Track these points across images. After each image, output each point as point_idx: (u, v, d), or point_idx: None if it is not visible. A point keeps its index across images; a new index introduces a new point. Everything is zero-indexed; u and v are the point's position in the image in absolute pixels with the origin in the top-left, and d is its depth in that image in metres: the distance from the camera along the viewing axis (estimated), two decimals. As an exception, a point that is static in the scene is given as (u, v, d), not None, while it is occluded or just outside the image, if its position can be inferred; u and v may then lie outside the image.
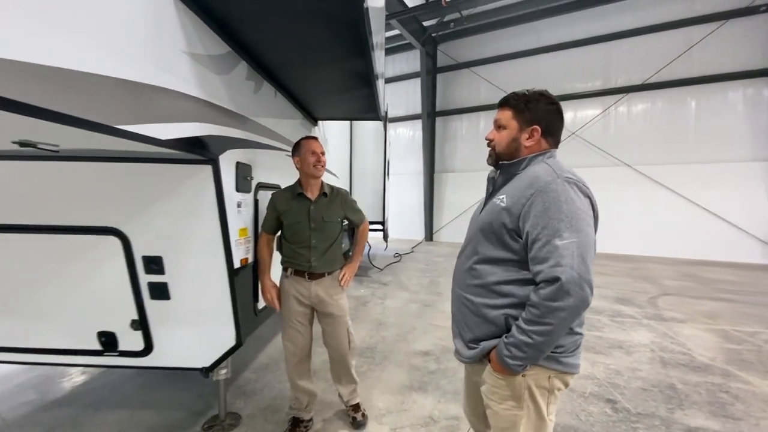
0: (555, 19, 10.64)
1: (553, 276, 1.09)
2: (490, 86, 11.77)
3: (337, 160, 5.89)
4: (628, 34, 9.77)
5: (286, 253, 2.27)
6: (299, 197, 2.24)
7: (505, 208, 1.24)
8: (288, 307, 2.29)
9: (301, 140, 2.29)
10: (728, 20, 8.72)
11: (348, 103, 3.43)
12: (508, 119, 1.32)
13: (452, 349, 3.87)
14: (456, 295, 1.40)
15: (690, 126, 9.34)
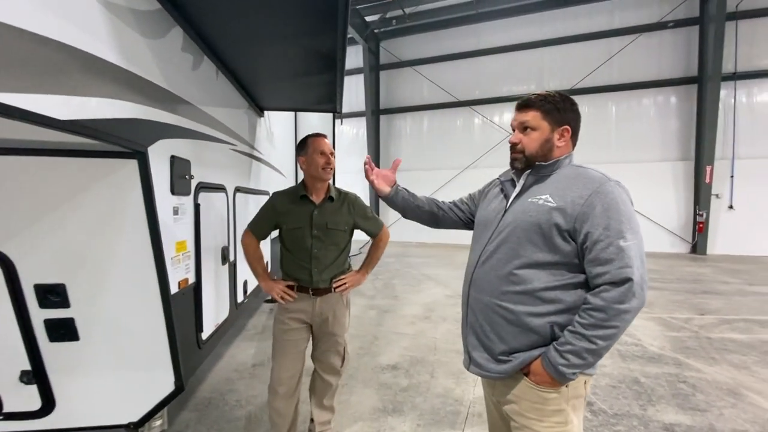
0: (494, 23, 11.00)
1: (624, 277, 1.06)
2: (433, 86, 11.87)
3: (283, 156, 5.36)
4: (559, 42, 10.42)
5: (287, 265, 2.01)
6: (302, 200, 1.97)
7: (556, 208, 1.16)
8: (285, 328, 1.98)
9: (308, 138, 1.98)
10: (642, 34, 9.66)
11: (304, 91, 3.01)
12: (538, 120, 1.25)
13: (420, 359, 3.90)
14: (482, 304, 1.26)
15: (612, 129, 10.23)
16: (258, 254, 2.05)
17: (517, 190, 1.29)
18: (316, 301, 1.98)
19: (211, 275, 2.27)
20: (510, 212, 1.26)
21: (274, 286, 2.01)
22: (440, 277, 6.96)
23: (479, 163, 11.42)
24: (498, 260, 1.23)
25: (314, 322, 2.02)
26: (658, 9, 9.51)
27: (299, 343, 2.03)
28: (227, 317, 2.54)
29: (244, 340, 3.97)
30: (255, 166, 3.42)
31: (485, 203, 1.41)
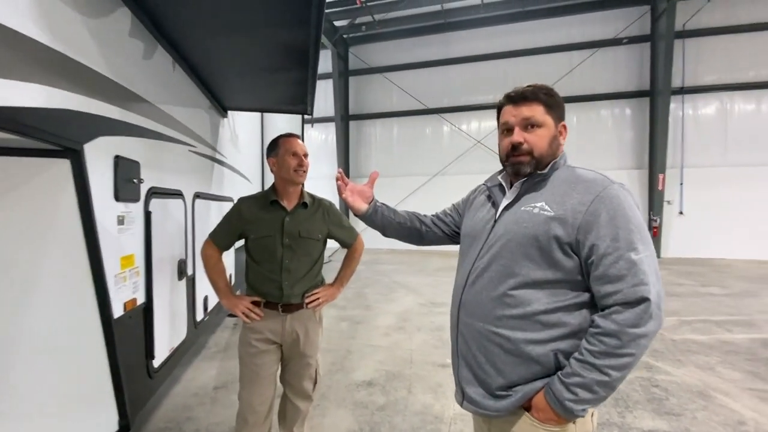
0: (462, 33, 11.20)
1: (639, 296, 0.92)
2: (402, 93, 11.89)
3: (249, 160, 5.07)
4: (523, 53, 10.76)
5: (253, 279, 1.81)
6: (272, 206, 1.79)
7: (555, 217, 1.00)
8: (253, 351, 1.78)
9: (279, 138, 1.81)
10: (599, 49, 10.16)
11: (272, 90, 2.80)
12: (543, 115, 1.08)
13: (397, 373, 3.73)
14: (475, 331, 1.09)
15: (573, 138, 10.62)
16: (220, 267, 1.83)
17: (510, 198, 1.12)
18: (287, 318, 1.78)
19: (164, 293, 2.00)
20: (501, 223, 1.10)
21: (237, 302, 1.80)
22: (412, 284, 6.86)
23: (448, 170, 11.52)
24: (490, 279, 1.07)
25: (284, 341, 1.82)
26: (614, 25, 10.04)
27: (269, 365, 1.82)
28: (185, 339, 2.27)
29: (205, 360, 3.64)
30: (217, 170, 3.16)
31: (471, 212, 1.26)
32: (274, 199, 1.79)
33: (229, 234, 1.84)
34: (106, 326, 1.36)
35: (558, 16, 10.36)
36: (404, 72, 11.85)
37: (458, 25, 11.04)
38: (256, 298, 1.81)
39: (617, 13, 9.97)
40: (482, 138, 11.28)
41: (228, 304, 1.82)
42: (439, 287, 6.66)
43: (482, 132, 11.36)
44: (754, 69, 9.06)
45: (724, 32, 9.13)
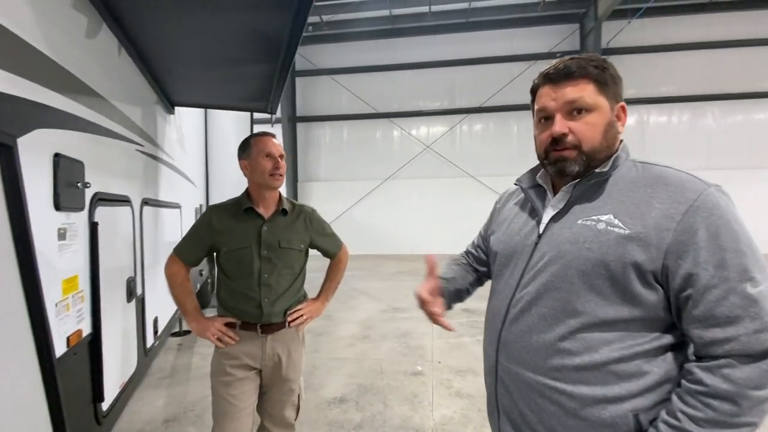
0: (410, 39, 11.37)
1: (764, 348, 0.68)
2: (352, 96, 11.76)
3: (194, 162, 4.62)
4: (469, 63, 11.19)
5: (226, 297, 1.61)
6: (247, 214, 1.59)
7: (631, 237, 0.74)
8: (228, 380, 1.57)
9: (251, 138, 1.62)
10: (536, 61, 10.88)
11: (231, 84, 2.53)
12: (594, 96, 0.81)
13: (369, 386, 3.52)
14: (521, 382, 0.85)
15: (514, 145, 11.28)
16: (187, 287, 1.61)
17: (557, 206, 0.87)
18: (267, 340, 1.59)
19: (113, 319, 1.68)
20: (548, 240, 0.85)
21: (208, 325, 1.58)
22: (371, 290, 6.73)
23: (399, 174, 11.59)
24: (542, 318, 0.82)
25: (265, 366, 1.62)
26: (548, 40, 10.83)
27: (248, 396, 1.61)
28: (136, 370, 1.94)
29: (149, 388, 3.20)
30: (165, 172, 2.79)
31: (502, 222, 1.02)
32: (248, 206, 1.59)
33: (197, 247, 1.61)
34: (47, 370, 1.07)
35: (499, 29, 10.93)
36: (353, 75, 11.74)
37: (406, 31, 11.20)
38: (230, 318, 1.60)
39: (551, 29, 10.77)
40: (432, 143, 11.52)
41: (197, 329, 1.59)
42: (399, 291, 6.62)
43: (431, 137, 11.60)
44: (665, 85, 10.31)
45: (641, 51, 10.27)
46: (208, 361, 4.11)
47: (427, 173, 11.56)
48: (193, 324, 1.59)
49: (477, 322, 4.79)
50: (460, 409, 2.84)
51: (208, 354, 4.28)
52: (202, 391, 3.13)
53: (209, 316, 1.62)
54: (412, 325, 4.77)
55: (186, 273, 1.61)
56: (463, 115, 11.42)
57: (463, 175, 11.34)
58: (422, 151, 11.55)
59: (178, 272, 1.59)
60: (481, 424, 2.65)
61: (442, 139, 11.51)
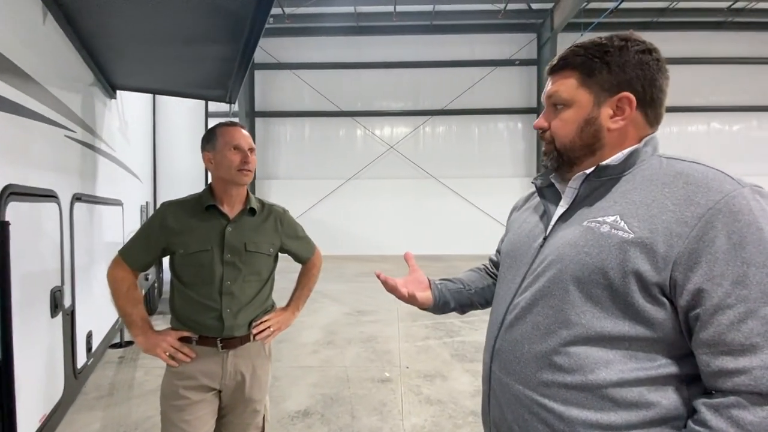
0: (375, 38, 11.28)
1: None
2: (315, 92, 11.46)
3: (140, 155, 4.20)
4: (432, 65, 11.29)
5: (182, 307, 1.41)
6: (209, 212, 1.42)
7: (635, 241, 0.64)
8: (182, 404, 1.37)
9: (217, 128, 1.44)
10: (496, 67, 11.21)
11: (184, 67, 2.26)
12: (573, 89, 0.75)
13: (335, 396, 3.32)
14: (510, 395, 0.77)
15: (475, 148, 11.53)
16: (134, 295, 1.40)
17: (564, 205, 0.79)
18: (228, 356, 1.40)
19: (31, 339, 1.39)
20: (552, 241, 0.77)
21: (158, 341, 1.38)
22: (333, 293, 6.52)
23: (362, 174, 11.44)
24: (534, 326, 0.74)
25: (225, 386, 1.43)
26: (508, 48, 11.18)
27: (204, 421, 1.41)
28: (62, 396, 1.64)
29: (82, 410, 2.81)
30: (104, 164, 2.44)
31: (516, 223, 0.94)
32: (211, 203, 1.40)
33: (148, 250, 1.41)
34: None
35: (462, 33, 11.13)
36: (316, 71, 11.44)
37: (371, 30, 11.10)
38: (185, 332, 1.39)
39: (511, 37, 11.13)
40: (395, 143, 11.49)
41: (145, 344, 1.38)
42: (362, 293, 6.46)
43: (395, 138, 11.57)
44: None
45: (591, 63, 10.89)
46: (154, 375, 3.74)
47: (390, 173, 11.50)
48: (140, 339, 1.38)
49: (442, 324, 4.76)
50: (431, 416, 2.75)
51: (155, 367, 3.90)
52: (146, 411, 2.80)
53: (160, 330, 1.40)
54: (378, 329, 4.64)
55: (133, 279, 1.40)
56: (426, 117, 11.49)
57: (427, 176, 11.41)
58: (386, 151, 11.48)
59: (124, 278, 1.38)
60: (452, 431, 2.58)
61: (405, 140, 11.51)
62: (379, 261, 9.74)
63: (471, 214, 11.33)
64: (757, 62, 10.58)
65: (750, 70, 10.49)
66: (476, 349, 3.98)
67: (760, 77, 10.59)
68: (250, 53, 1.90)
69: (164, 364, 1.39)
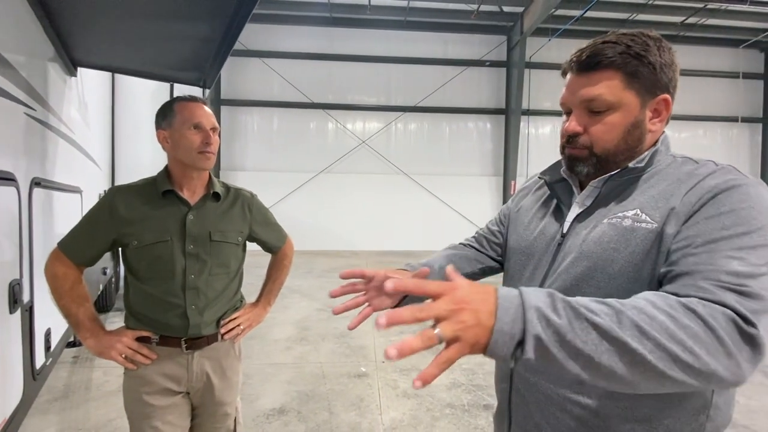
0: (348, 31, 11.10)
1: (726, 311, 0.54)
2: (285, 82, 11.13)
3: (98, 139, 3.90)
4: (405, 61, 11.28)
5: (137, 304, 1.29)
6: (166, 198, 1.27)
7: (658, 230, 0.65)
8: (149, 412, 1.26)
9: (175, 103, 1.27)
10: (467, 67, 11.39)
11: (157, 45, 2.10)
12: (618, 91, 0.70)
13: (310, 393, 3.21)
14: (540, 394, 0.77)
15: (445, 146, 11.69)
16: (78, 292, 1.24)
17: (584, 204, 0.78)
18: (193, 357, 1.30)
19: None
20: (572, 239, 0.76)
21: (111, 342, 1.23)
22: (304, 288, 6.41)
23: (333, 168, 11.29)
24: None
25: (192, 388, 1.33)
26: (478, 49, 11.39)
27: (175, 425, 1.31)
28: (22, 399, 1.49)
29: (35, 415, 2.58)
30: (63, 148, 2.24)
31: (522, 217, 0.91)
32: (168, 188, 1.26)
33: (94, 242, 1.26)
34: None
35: (435, 32, 11.20)
36: (287, 60, 11.11)
37: (344, 22, 10.91)
38: (143, 332, 1.27)
39: (483, 38, 11.34)
40: (367, 138, 11.42)
41: (96, 347, 1.23)
42: (333, 289, 6.39)
43: (367, 133, 11.49)
44: (575, 101, 11.55)
45: (557, 68, 11.12)
46: (114, 376, 3.54)
47: (361, 168, 11.43)
48: (90, 342, 1.23)
49: (415, 318, 4.81)
50: (409, 410, 2.77)
51: (115, 367, 3.67)
52: (107, 413, 2.63)
53: (113, 330, 1.27)
54: (351, 324, 4.61)
55: (77, 275, 1.24)
56: (398, 113, 11.49)
57: (398, 172, 11.44)
58: (358, 146, 11.38)
59: (66, 275, 1.22)
60: (430, 424, 2.61)
61: (377, 136, 11.46)
62: (349, 256, 9.69)
63: (441, 211, 11.51)
64: (706, 75, 11.45)
65: (699, 82, 11.31)
66: (450, 342, 4.05)
67: (707, 89, 11.48)
68: (235, 34, 1.80)
69: (124, 369, 1.28)
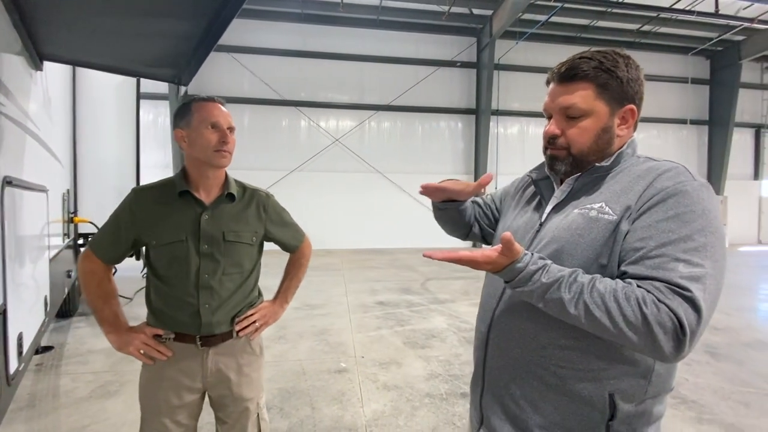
0: (320, 28, 11.03)
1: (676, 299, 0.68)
2: (255, 78, 10.92)
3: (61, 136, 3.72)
4: (378, 60, 11.35)
5: (157, 302, 1.34)
6: (182, 198, 1.32)
7: (617, 222, 0.78)
8: (158, 404, 1.32)
9: (192, 103, 1.32)
10: (439, 67, 11.61)
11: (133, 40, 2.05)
12: (590, 100, 0.83)
13: (291, 389, 3.13)
14: (511, 358, 0.89)
15: (418, 144, 11.87)
16: (106, 289, 1.31)
17: (559, 197, 0.91)
18: (208, 354, 1.34)
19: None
20: (547, 226, 0.89)
21: (131, 338, 1.29)
22: (279, 287, 6.35)
23: (306, 167, 11.20)
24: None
25: (209, 385, 1.36)
26: (450, 49, 11.63)
27: (185, 420, 1.35)
28: (-4, 407, 1.44)
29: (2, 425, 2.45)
30: (30, 145, 2.14)
31: (513, 209, 1.05)
32: (184, 189, 1.31)
33: (118, 241, 1.31)
34: None
35: (407, 31, 11.33)
36: (257, 56, 10.90)
37: (316, 18, 10.84)
38: (159, 330, 1.31)
39: (454, 39, 11.59)
40: (341, 137, 11.40)
41: (117, 342, 1.29)
42: (310, 288, 6.37)
43: (340, 131, 11.47)
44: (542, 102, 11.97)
45: (526, 70, 11.75)
46: (83, 382, 3.43)
47: (335, 167, 11.40)
48: (111, 337, 1.28)
49: (392, 314, 4.90)
50: (390, 401, 2.85)
51: (84, 373, 3.57)
52: (80, 420, 2.54)
53: (133, 326, 1.31)
54: (329, 322, 4.64)
55: (106, 272, 1.31)
56: (372, 112, 11.54)
57: (372, 170, 11.49)
58: (331, 144, 11.35)
59: (96, 271, 1.29)
60: (411, 413, 2.70)
61: (351, 134, 11.47)
62: (323, 255, 9.65)
63: (414, 208, 11.67)
64: (658, 80, 12.24)
65: (653, 87, 12.02)
66: (426, 336, 4.17)
67: (660, 93, 12.28)
68: (218, 33, 1.80)
69: (96, 369, 1.31)
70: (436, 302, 5.52)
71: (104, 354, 3.52)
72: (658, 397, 0.82)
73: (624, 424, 0.80)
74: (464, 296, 5.91)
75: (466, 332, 4.31)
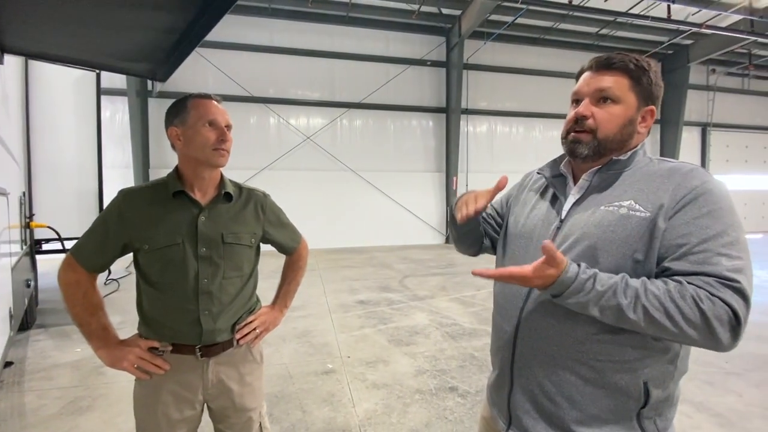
0: (288, 23, 10.78)
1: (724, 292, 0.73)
2: (220, 74, 10.52)
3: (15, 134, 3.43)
4: (349, 57, 11.25)
5: (151, 311, 1.25)
6: (176, 199, 1.24)
7: (650, 219, 0.81)
8: (157, 420, 1.23)
9: (188, 99, 1.25)
10: (409, 66, 11.68)
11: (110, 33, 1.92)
12: (624, 89, 0.88)
13: (280, 394, 3.09)
14: (546, 355, 0.90)
15: (390, 143, 11.90)
16: (91, 300, 1.19)
17: (578, 193, 0.93)
18: (209, 365, 1.27)
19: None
20: (571, 222, 0.90)
21: (124, 353, 1.20)
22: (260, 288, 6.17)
23: (276, 165, 10.95)
24: None
25: (210, 397, 1.30)
26: (420, 48, 11.72)
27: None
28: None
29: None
30: (-10, 145, 1.96)
31: (522, 207, 1.06)
32: (179, 189, 1.23)
33: (104, 248, 1.20)
34: None
35: (377, 29, 11.31)
36: (222, 51, 10.50)
37: (284, 13, 10.58)
38: (155, 342, 1.23)
39: (424, 38, 11.68)
40: (312, 134, 11.22)
41: (108, 358, 1.19)
42: (287, 289, 6.26)
43: (311, 129, 11.29)
44: (509, 101, 12.38)
45: (494, 70, 12.05)
46: (51, 398, 3.23)
47: (307, 165, 11.21)
48: (101, 352, 1.18)
49: (374, 312, 4.90)
50: (381, 400, 2.86)
51: (50, 389, 3.36)
52: None
53: (125, 339, 1.22)
54: (311, 323, 4.58)
55: (91, 282, 1.20)
56: (343, 109, 11.43)
57: (344, 169, 11.40)
58: (302, 142, 11.14)
59: (80, 281, 1.17)
60: (403, 410, 2.72)
61: (322, 132, 11.31)
62: (297, 255, 9.49)
63: (388, 206, 11.73)
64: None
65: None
66: (410, 333, 4.21)
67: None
68: (207, 26, 1.72)
69: (63, 384, 1.23)
70: (415, 299, 5.58)
71: (70, 368, 3.29)
72: (679, 380, 0.89)
73: (653, 410, 0.85)
74: (442, 292, 6.01)
75: (449, 327, 4.39)
